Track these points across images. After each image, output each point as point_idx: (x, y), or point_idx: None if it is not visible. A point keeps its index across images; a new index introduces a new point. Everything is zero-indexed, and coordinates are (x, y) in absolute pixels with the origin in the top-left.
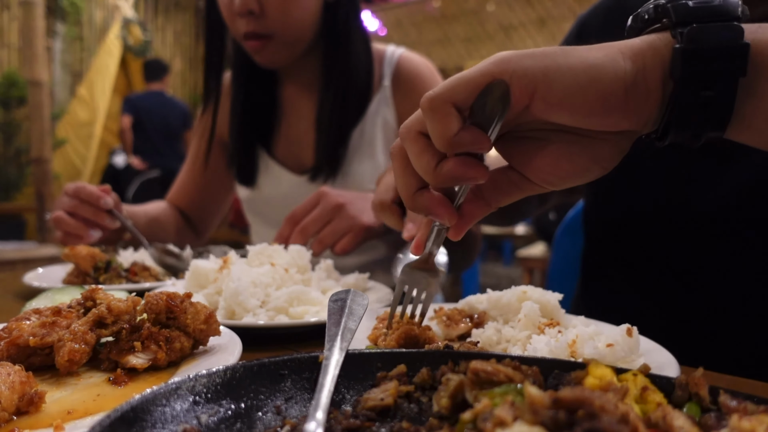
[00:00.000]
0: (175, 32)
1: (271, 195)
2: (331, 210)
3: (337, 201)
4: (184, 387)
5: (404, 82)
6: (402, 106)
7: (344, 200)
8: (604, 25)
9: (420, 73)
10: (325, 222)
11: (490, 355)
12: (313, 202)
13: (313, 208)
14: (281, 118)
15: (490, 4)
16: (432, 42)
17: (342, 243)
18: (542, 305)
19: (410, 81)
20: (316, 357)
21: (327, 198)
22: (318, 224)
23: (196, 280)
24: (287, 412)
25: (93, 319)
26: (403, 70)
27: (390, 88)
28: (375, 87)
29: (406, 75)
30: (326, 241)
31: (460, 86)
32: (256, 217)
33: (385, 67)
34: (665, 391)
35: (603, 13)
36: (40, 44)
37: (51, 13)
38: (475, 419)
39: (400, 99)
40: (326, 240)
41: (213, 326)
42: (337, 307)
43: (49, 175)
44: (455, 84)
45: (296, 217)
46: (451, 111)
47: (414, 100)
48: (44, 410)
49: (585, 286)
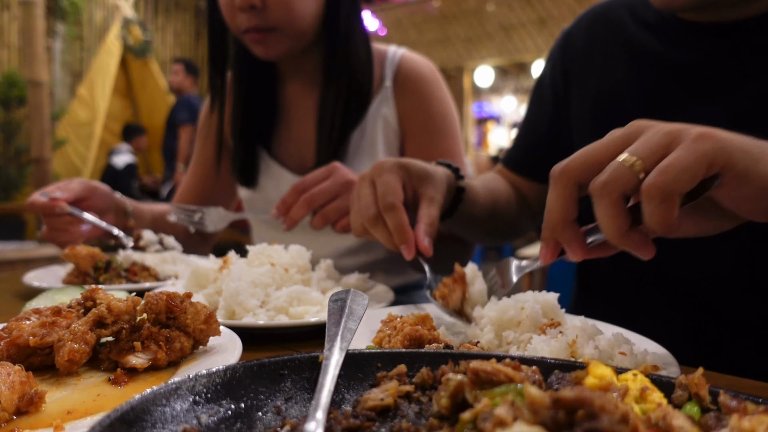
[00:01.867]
0: (175, 32)
1: (272, 195)
2: (341, 185)
3: (348, 177)
4: (184, 387)
5: (406, 83)
6: (403, 106)
7: (354, 178)
8: (587, 37)
9: (422, 74)
10: (332, 196)
11: (490, 355)
12: (324, 174)
13: (323, 180)
14: (282, 119)
15: (490, 4)
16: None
17: (344, 221)
18: (542, 305)
19: (412, 81)
20: (316, 357)
21: (338, 172)
22: (326, 197)
23: (196, 280)
24: (287, 412)
25: (93, 319)
26: (404, 70)
27: (391, 89)
28: (376, 87)
29: (407, 75)
30: (329, 216)
31: (685, 177)
32: (257, 219)
33: (387, 67)
34: (665, 391)
35: (586, 25)
36: (40, 44)
37: (51, 13)
38: (475, 419)
39: (401, 99)
40: (329, 215)
41: (213, 326)
42: (337, 307)
43: (49, 175)
44: (679, 173)
45: (305, 186)
46: (677, 202)
47: (415, 101)
48: (44, 410)
49: (583, 286)
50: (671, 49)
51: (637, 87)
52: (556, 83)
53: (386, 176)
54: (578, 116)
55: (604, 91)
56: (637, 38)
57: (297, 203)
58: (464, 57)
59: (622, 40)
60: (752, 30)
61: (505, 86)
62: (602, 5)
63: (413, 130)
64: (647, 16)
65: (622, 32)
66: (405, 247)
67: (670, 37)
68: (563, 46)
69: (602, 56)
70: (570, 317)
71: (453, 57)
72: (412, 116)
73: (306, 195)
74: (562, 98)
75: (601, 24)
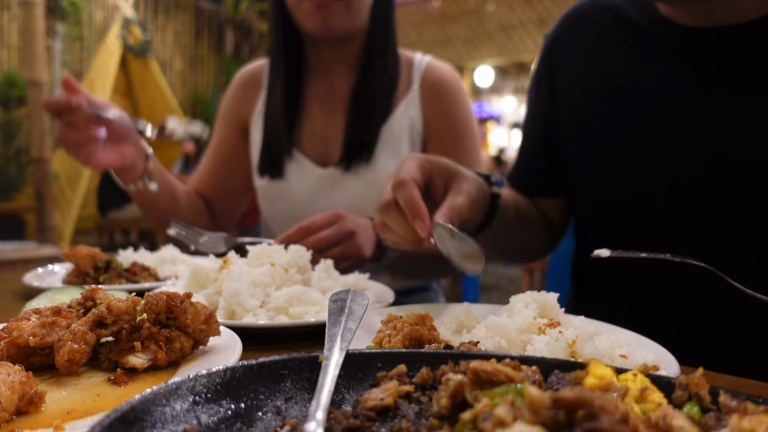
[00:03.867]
0: (175, 32)
1: (295, 186)
2: (344, 234)
3: (350, 228)
4: (184, 387)
5: (432, 89)
6: (428, 110)
7: (356, 228)
8: (572, 39)
9: (447, 82)
10: (334, 243)
11: (490, 355)
12: (329, 220)
13: (327, 226)
14: (308, 114)
15: (490, 4)
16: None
17: (342, 265)
18: (541, 305)
19: (438, 88)
20: (316, 357)
21: (343, 222)
22: (329, 244)
23: (196, 280)
24: (287, 412)
25: (93, 319)
26: (431, 77)
27: (418, 93)
28: (404, 90)
29: (434, 82)
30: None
31: None
32: (270, 209)
33: (414, 72)
34: (665, 391)
35: (569, 27)
36: (40, 44)
37: (51, 13)
38: (475, 419)
39: (427, 104)
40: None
41: (213, 326)
42: (337, 307)
43: (49, 175)
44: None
45: (310, 230)
46: None
47: (440, 106)
48: (44, 410)
49: (580, 287)
50: (664, 45)
51: (637, 87)
52: (542, 93)
53: (407, 163)
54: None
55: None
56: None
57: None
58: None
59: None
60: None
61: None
62: (578, 9)
63: (437, 133)
64: (636, 17)
65: (608, 32)
66: (418, 222)
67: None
68: (549, 53)
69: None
70: (570, 317)
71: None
72: (436, 121)
73: (311, 239)
74: (549, 106)
75: (583, 22)
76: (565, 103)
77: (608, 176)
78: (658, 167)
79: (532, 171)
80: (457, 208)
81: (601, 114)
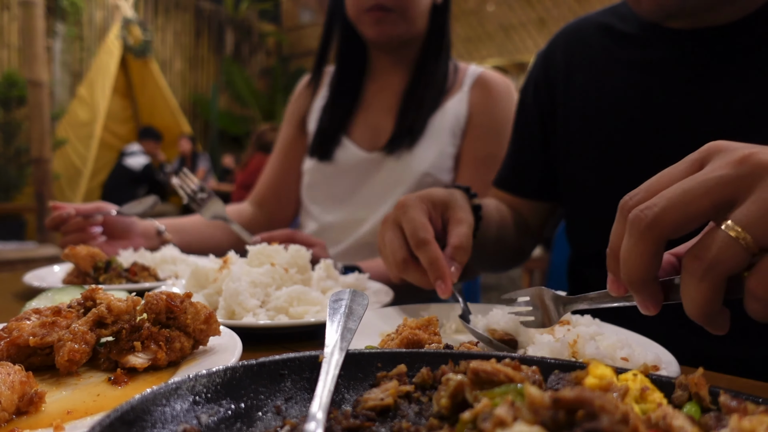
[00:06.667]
0: (175, 32)
1: (343, 168)
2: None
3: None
4: (184, 387)
5: (482, 87)
6: (475, 106)
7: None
8: (566, 53)
9: (497, 84)
10: None
11: (490, 355)
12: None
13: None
14: (362, 107)
15: (490, 4)
16: None
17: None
18: None
19: (487, 87)
20: (316, 357)
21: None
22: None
23: (196, 280)
24: (287, 412)
25: (93, 319)
26: (483, 78)
27: (468, 92)
28: (455, 90)
29: (485, 82)
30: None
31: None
32: (312, 192)
33: (467, 77)
34: (665, 391)
35: (563, 41)
36: (40, 44)
37: (51, 13)
38: (475, 419)
39: (474, 98)
40: None
41: (213, 326)
42: (337, 307)
43: (49, 175)
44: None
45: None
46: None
47: (486, 101)
48: (44, 410)
49: (579, 287)
50: (657, 54)
51: (632, 94)
52: (542, 105)
53: (411, 213)
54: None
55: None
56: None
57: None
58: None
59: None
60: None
61: None
62: (572, 26)
63: (476, 123)
64: (626, 28)
65: (602, 43)
66: (440, 283)
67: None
68: (544, 68)
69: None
70: (576, 317)
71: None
72: (480, 115)
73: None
74: (548, 119)
75: (577, 37)
76: (562, 110)
77: (604, 179)
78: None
79: (522, 170)
80: (463, 240)
81: (597, 119)
